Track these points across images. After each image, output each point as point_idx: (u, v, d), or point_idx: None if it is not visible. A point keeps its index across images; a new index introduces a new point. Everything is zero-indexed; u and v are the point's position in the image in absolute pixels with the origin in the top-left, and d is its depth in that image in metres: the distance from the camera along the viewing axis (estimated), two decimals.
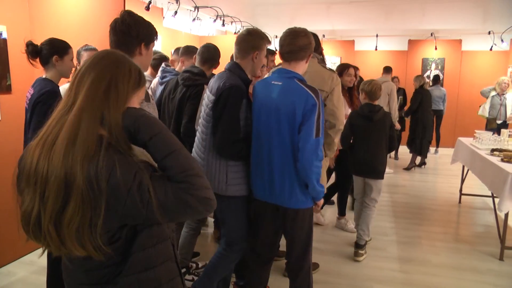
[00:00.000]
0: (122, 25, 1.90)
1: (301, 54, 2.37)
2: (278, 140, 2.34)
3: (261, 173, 2.42)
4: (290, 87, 2.31)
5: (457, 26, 9.09)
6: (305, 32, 2.39)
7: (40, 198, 1.15)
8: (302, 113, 2.25)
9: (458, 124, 9.77)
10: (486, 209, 5.40)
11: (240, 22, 8.45)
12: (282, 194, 2.38)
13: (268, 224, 2.56)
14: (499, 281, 3.51)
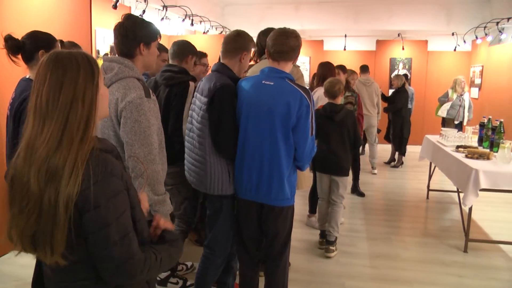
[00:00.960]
0: (121, 29, 2.01)
1: (291, 55, 2.38)
2: (269, 140, 2.34)
3: (249, 173, 2.41)
4: (282, 87, 2.32)
5: (422, 27, 9.33)
6: (295, 34, 2.40)
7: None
8: (297, 114, 2.27)
9: (426, 122, 10.00)
10: (452, 203, 5.55)
11: (209, 21, 8.41)
12: (269, 193, 2.40)
13: (252, 223, 2.55)
14: (464, 272, 3.62)
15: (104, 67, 2.01)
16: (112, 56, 2.08)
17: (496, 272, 3.64)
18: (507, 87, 7.77)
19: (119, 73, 1.97)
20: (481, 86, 9.26)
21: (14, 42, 2.32)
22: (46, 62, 1.19)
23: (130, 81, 1.96)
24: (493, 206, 5.40)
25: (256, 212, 2.51)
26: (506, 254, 3.98)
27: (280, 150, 2.33)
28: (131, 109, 1.89)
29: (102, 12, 5.40)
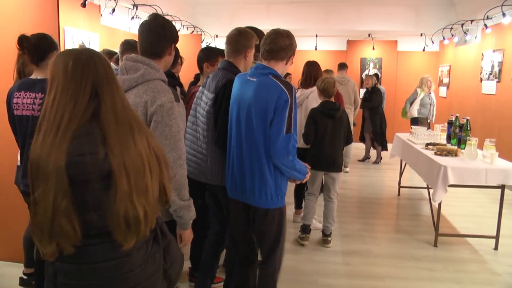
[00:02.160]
0: (158, 28, 1.97)
1: (281, 54, 2.35)
2: (249, 138, 2.29)
3: (233, 172, 2.38)
4: (264, 83, 2.27)
5: (392, 28, 9.51)
6: (287, 34, 2.38)
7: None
8: (273, 109, 2.21)
9: (396, 120, 10.20)
10: (422, 199, 5.67)
11: (180, 21, 8.33)
12: (252, 193, 2.34)
13: (242, 222, 2.51)
14: (434, 265, 3.70)
15: (127, 66, 1.95)
16: (135, 55, 1.98)
17: (464, 264, 3.74)
18: (472, 86, 8.01)
19: (146, 75, 1.92)
20: (449, 85, 9.51)
21: (31, 42, 2.42)
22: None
23: (157, 83, 1.92)
24: (461, 201, 5.55)
25: (245, 212, 2.46)
26: (473, 247, 4.10)
27: (260, 148, 2.26)
28: (162, 113, 1.85)
29: (70, 11, 5.28)
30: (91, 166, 1.29)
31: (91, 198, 1.31)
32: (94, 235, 1.34)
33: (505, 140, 6.34)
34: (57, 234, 1.27)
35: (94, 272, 1.37)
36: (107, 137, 1.31)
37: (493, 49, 7.28)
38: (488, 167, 3.91)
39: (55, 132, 1.28)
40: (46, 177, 1.26)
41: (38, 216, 1.28)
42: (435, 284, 3.39)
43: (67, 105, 1.30)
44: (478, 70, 7.80)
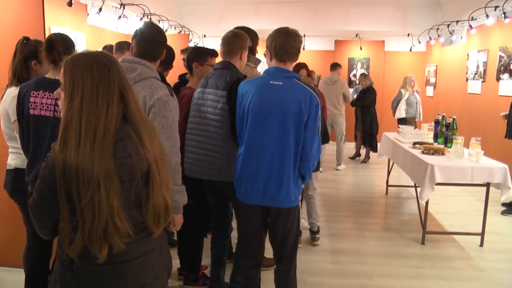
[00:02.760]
0: (156, 33, 2.25)
1: (297, 55, 2.41)
2: (282, 141, 2.30)
3: (256, 176, 2.35)
4: (292, 86, 2.31)
5: (379, 28, 9.58)
6: (299, 34, 2.40)
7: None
8: (307, 112, 2.27)
9: (384, 120, 10.27)
10: (410, 198, 5.72)
11: (168, 20, 8.29)
12: (278, 195, 2.34)
13: (258, 226, 2.50)
14: (422, 263, 3.74)
15: (124, 67, 2.05)
16: (131, 57, 2.19)
17: (451, 261, 3.78)
18: (458, 85, 8.11)
19: (143, 74, 2.13)
20: (435, 84, 9.61)
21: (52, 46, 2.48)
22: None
23: (153, 81, 2.14)
24: (447, 199, 5.61)
25: (261, 216, 2.46)
26: (459, 244, 4.15)
27: (290, 150, 2.31)
28: (160, 106, 2.06)
29: (56, 10, 5.22)
30: (137, 166, 1.39)
31: (135, 196, 1.40)
32: (137, 231, 1.43)
33: (490, 138, 6.43)
34: (111, 234, 1.32)
35: (126, 269, 1.43)
36: (142, 137, 1.42)
37: (478, 49, 7.38)
38: (474, 165, 3.96)
39: (92, 138, 1.30)
40: (93, 183, 1.28)
41: (87, 223, 1.31)
42: (423, 281, 3.42)
43: (100, 109, 1.33)
44: (464, 70, 7.90)
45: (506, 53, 6.37)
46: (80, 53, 1.40)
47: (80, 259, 1.37)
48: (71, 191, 1.30)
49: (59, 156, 1.30)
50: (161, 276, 1.57)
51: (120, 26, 7.42)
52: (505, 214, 5.12)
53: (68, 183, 1.29)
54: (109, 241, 1.33)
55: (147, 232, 1.48)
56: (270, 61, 2.42)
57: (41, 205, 1.40)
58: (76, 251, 1.34)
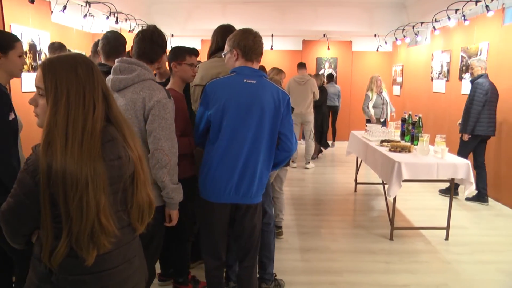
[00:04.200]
0: (154, 35, 2.31)
1: (261, 57, 2.45)
2: (258, 138, 2.32)
3: (231, 174, 2.33)
4: (265, 84, 2.35)
5: (347, 29, 9.72)
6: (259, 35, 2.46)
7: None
8: (282, 108, 2.36)
9: (352, 118, 10.45)
10: (378, 195, 5.83)
11: (135, 19, 8.15)
12: (249, 192, 2.37)
13: (224, 225, 2.49)
14: (390, 258, 3.81)
15: (121, 68, 2.19)
16: (129, 58, 2.25)
17: (418, 255, 3.87)
18: (424, 84, 8.32)
19: (141, 75, 2.18)
20: (402, 84, 9.84)
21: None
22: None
23: (151, 83, 2.20)
24: (414, 195, 5.74)
25: (230, 214, 2.47)
26: (426, 238, 4.25)
27: (265, 147, 2.36)
28: (159, 108, 2.13)
29: (17, 7, 5.04)
30: (125, 168, 1.39)
31: (122, 198, 1.42)
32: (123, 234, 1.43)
33: (454, 136, 6.62)
34: (97, 234, 1.30)
35: (110, 277, 1.40)
36: (126, 137, 1.42)
37: (442, 49, 7.60)
38: (439, 162, 4.06)
39: (80, 138, 1.27)
40: (81, 184, 1.26)
41: (75, 225, 1.28)
42: (391, 276, 3.48)
43: (87, 109, 1.30)
44: (428, 70, 8.12)
45: (467, 54, 6.58)
46: (58, 56, 1.36)
47: (61, 269, 1.32)
48: (57, 196, 1.25)
49: (43, 159, 1.24)
50: (140, 284, 1.55)
51: (86, 25, 7.25)
52: (442, 194, 5.71)
53: (54, 188, 1.25)
54: (96, 242, 1.31)
55: (132, 236, 1.49)
56: (235, 61, 2.40)
57: (17, 212, 1.33)
58: (57, 260, 1.29)
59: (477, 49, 6.30)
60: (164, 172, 2.15)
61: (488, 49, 6.02)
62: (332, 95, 8.99)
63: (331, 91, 8.99)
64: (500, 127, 5.58)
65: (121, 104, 2.11)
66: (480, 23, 6.31)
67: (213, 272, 2.60)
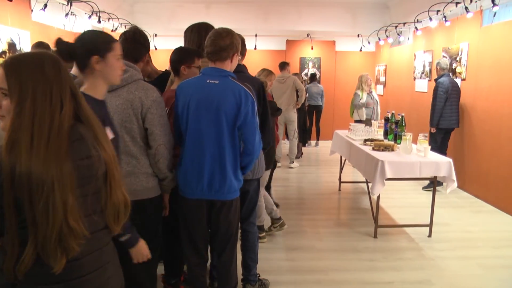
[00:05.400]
0: (136, 35, 2.38)
1: (223, 55, 2.38)
2: (220, 137, 2.37)
3: (200, 171, 2.39)
4: (228, 85, 2.36)
5: (330, 29, 9.79)
6: (226, 33, 2.39)
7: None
8: (244, 109, 2.34)
9: (336, 118, 10.51)
10: (362, 193, 5.88)
11: (118, 19, 8.07)
12: (222, 188, 2.43)
13: (203, 221, 2.54)
14: (374, 256, 3.85)
15: None
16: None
17: (402, 252, 3.92)
18: (407, 84, 8.42)
19: (133, 76, 2.25)
20: (385, 83, 9.94)
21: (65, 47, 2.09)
22: None
23: (143, 83, 2.29)
24: (398, 194, 5.81)
25: (206, 210, 2.51)
26: (409, 236, 4.31)
27: (229, 146, 2.39)
28: (157, 107, 2.26)
29: None
30: (96, 166, 1.34)
31: (94, 200, 1.36)
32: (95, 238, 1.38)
33: None
34: (66, 236, 1.23)
35: (82, 285, 1.34)
36: (98, 136, 1.37)
37: (424, 50, 7.69)
38: (421, 160, 4.12)
39: (46, 138, 1.21)
40: (48, 186, 1.20)
41: (41, 230, 1.21)
42: (376, 274, 3.52)
43: (54, 108, 1.25)
44: (411, 70, 8.22)
45: (449, 54, 6.68)
46: (22, 54, 1.31)
47: (27, 279, 1.25)
48: (22, 199, 1.19)
49: (6, 161, 1.18)
50: None
51: (68, 24, 7.16)
52: (425, 189, 5.88)
53: (18, 191, 1.19)
54: (64, 245, 1.23)
55: (106, 240, 1.44)
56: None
57: None
58: (23, 269, 1.22)
59: (457, 49, 6.40)
60: (166, 164, 2.33)
61: (468, 49, 6.12)
62: (315, 94, 9.05)
63: (314, 91, 9.05)
64: (480, 124, 5.70)
65: (117, 104, 2.18)
66: (460, 24, 6.41)
67: (195, 269, 2.65)
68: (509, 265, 3.71)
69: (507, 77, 5.20)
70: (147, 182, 2.32)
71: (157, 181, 2.38)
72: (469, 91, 6.07)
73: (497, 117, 5.38)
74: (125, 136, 2.23)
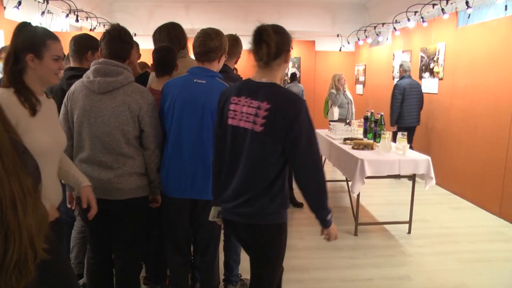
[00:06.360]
0: (122, 34, 2.33)
1: (212, 56, 2.39)
2: (203, 137, 2.35)
3: (183, 171, 2.38)
4: (214, 85, 2.35)
5: (310, 29, 9.85)
6: (216, 34, 2.40)
7: None
8: None
9: (316, 117, 10.51)
10: (343, 192, 5.93)
11: (96, 18, 7.96)
12: (206, 188, 2.38)
13: (185, 221, 2.54)
14: (355, 253, 3.88)
15: (107, 70, 2.22)
16: (112, 60, 2.27)
17: (382, 249, 3.97)
18: (386, 83, 8.53)
19: (128, 78, 2.28)
20: (364, 83, 10.05)
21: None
22: None
23: (137, 85, 2.32)
24: (378, 191, 5.88)
25: (189, 209, 2.51)
26: (389, 233, 4.37)
27: (210, 145, 2.32)
28: (152, 109, 2.32)
29: None
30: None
31: None
32: None
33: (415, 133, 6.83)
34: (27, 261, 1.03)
35: None
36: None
37: (402, 50, 7.81)
38: (400, 158, 4.17)
39: None
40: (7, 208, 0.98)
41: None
42: (357, 271, 3.55)
43: None
44: (390, 69, 8.33)
45: (426, 54, 6.79)
46: None
47: None
48: None
49: None
50: None
51: (45, 23, 7.02)
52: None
53: None
54: (22, 271, 1.02)
55: None
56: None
57: None
58: None
59: (435, 49, 6.52)
60: (158, 165, 2.41)
61: (445, 49, 6.24)
62: None
63: (295, 90, 9.02)
64: (457, 123, 5.82)
65: (113, 106, 2.20)
66: (437, 25, 6.53)
67: (178, 269, 2.64)
68: (486, 259, 3.80)
69: (482, 76, 5.32)
70: (140, 181, 2.35)
71: (147, 181, 2.41)
72: (447, 90, 6.19)
73: (473, 116, 5.50)
74: (121, 138, 2.23)
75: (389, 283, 3.36)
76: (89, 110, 2.24)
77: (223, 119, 1.98)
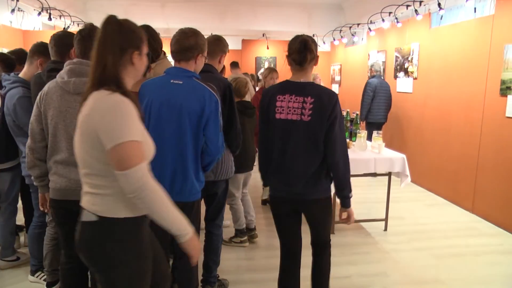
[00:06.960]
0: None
1: (188, 55, 2.35)
2: (182, 138, 2.32)
3: (162, 173, 2.31)
4: (192, 86, 2.32)
5: (286, 29, 9.89)
6: (192, 33, 2.37)
7: None
8: (208, 110, 2.30)
9: None
10: None
11: (70, 16, 7.80)
12: (184, 190, 2.37)
13: None
14: (332, 251, 3.81)
15: (82, 70, 2.21)
16: (87, 60, 2.20)
17: (359, 247, 4.02)
18: (361, 83, 8.60)
19: None
20: (340, 82, 10.14)
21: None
22: None
23: None
24: (354, 189, 5.86)
25: None
26: (366, 231, 4.43)
27: (190, 147, 2.34)
28: None
29: None
30: None
31: None
32: None
33: (390, 131, 6.94)
34: None
35: None
36: None
37: (377, 50, 7.91)
38: (376, 156, 4.22)
39: None
40: None
41: None
42: (334, 268, 3.53)
43: None
44: (365, 69, 8.43)
45: (401, 54, 6.91)
46: None
47: None
48: None
49: None
50: None
51: (15, 21, 6.84)
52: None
53: None
54: None
55: None
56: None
57: None
58: None
59: (409, 49, 6.63)
60: None
61: (419, 49, 6.35)
62: None
63: None
64: (432, 122, 5.93)
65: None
66: (411, 26, 6.65)
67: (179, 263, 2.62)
68: (460, 253, 3.89)
69: (455, 76, 5.44)
70: None
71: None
72: (421, 90, 6.30)
73: (447, 115, 5.61)
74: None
75: (366, 280, 3.40)
76: (65, 111, 2.19)
77: (269, 115, 2.37)
